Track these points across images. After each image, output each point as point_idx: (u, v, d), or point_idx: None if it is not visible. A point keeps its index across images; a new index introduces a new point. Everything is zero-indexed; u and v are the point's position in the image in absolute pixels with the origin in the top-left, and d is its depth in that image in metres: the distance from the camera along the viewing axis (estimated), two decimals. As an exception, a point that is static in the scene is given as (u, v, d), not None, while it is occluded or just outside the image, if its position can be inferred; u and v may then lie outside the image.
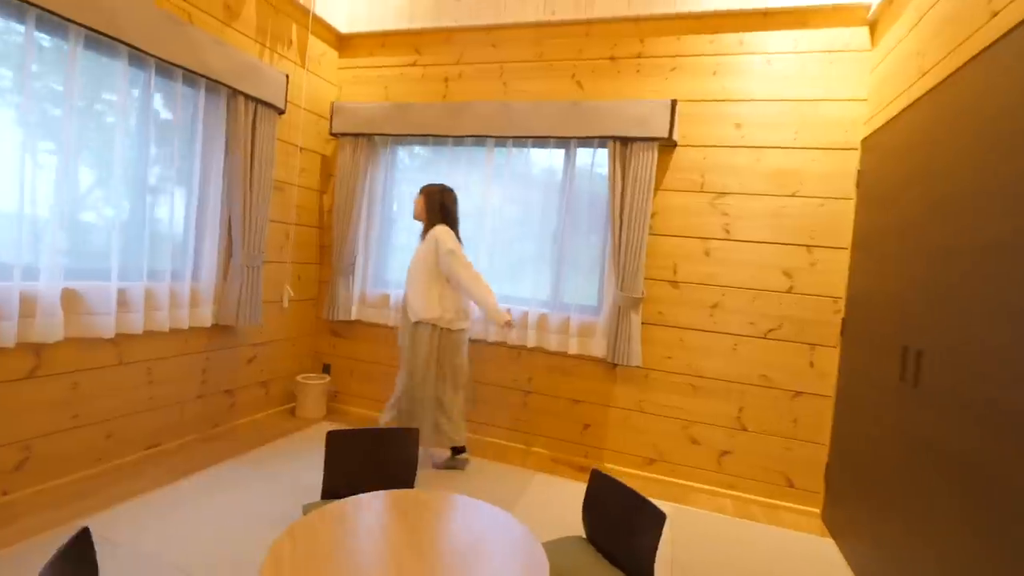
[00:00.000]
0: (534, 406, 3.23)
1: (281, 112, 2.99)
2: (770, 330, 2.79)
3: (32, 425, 2.15)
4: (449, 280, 2.67)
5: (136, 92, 2.39)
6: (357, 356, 3.63)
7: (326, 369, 3.72)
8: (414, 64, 3.45)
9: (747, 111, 2.82)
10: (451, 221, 2.77)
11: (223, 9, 2.70)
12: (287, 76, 2.98)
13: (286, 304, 3.26)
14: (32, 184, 2.03)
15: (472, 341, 3.31)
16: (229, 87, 2.64)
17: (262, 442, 3.11)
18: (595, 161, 3.08)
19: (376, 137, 3.41)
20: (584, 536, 1.79)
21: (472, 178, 3.32)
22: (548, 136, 3.02)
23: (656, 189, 2.97)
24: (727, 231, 2.86)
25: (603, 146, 3.00)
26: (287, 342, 3.47)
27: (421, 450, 3.15)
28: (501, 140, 3.18)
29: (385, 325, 3.51)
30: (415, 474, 1.97)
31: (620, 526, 1.65)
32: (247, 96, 2.74)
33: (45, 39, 2.04)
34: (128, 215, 2.43)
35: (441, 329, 2.69)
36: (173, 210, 2.62)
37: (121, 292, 2.36)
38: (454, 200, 2.81)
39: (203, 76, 2.51)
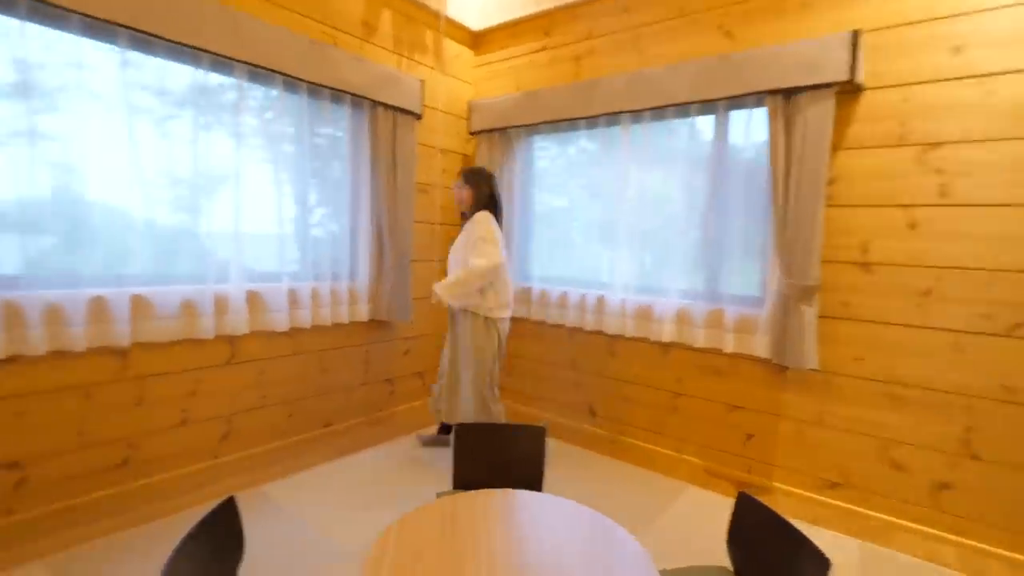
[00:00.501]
0: (685, 409, 2.88)
1: (419, 117, 3.14)
2: (1017, 325, 2.03)
3: (232, 403, 2.61)
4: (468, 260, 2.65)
5: (293, 114, 2.72)
6: (507, 351, 3.67)
7: (476, 361, 3.85)
8: (543, 48, 3.32)
9: (968, 28, 2.07)
10: (497, 209, 2.78)
11: (362, 27, 2.93)
12: (422, 81, 3.12)
13: (434, 300, 3.44)
14: (215, 201, 2.44)
15: (611, 336, 3.09)
16: (370, 99, 2.86)
17: (417, 428, 3.34)
18: (752, 124, 2.60)
19: (510, 130, 3.38)
20: (731, 569, 1.50)
21: (608, 160, 3.08)
22: (690, 101, 2.63)
23: (835, 149, 2.38)
24: (943, 194, 2.16)
25: (760, 104, 2.51)
26: (439, 336, 3.67)
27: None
28: (637, 115, 2.88)
29: (528, 319, 3.49)
30: (542, 473, 1.90)
31: (773, 563, 1.34)
32: (386, 106, 2.93)
33: (215, 77, 2.43)
34: (295, 224, 2.78)
35: (484, 317, 2.70)
36: (332, 217, 2.94)
37: (292, 292, 2.72)
38: (497, 185, 2.84)
39: (347, 92, 2.76)
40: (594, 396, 3.23)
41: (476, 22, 3.53)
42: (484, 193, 2.76)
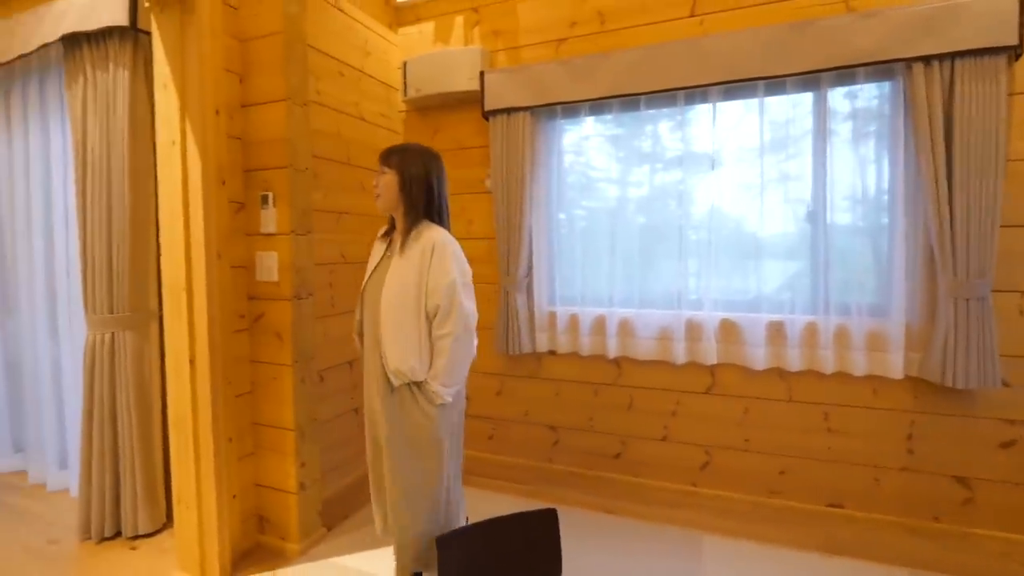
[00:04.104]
0: None
1: (1016, 52, 1.84)
2: None
3: (710, 434, 2.50)
4: (430, 316, 1.66)
5: (790, 115, 2.28)
6: None
7: None
8: None
9: None
10: (444, 218, 1.76)
11: (894, -36, 2.05)
12: (1022, -11, 1.81)
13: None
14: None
15: None
16: (902, 59, 1.97)
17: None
18: None
19: None
20: None
21: None
22: None
23: None
24: None
25: None
26: (1099, 433, 1.95)
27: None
28: None
29: None
30: None
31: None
32: (929, 59, 1.92)
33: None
34: (795, 239, 2.33)
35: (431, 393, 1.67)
36: (851, 231, 2.24)
37: (775, 325, 2.30)
38: (444, 175, 1.77)
39: (857, 65, 2.04)
40: None
41: None
42: (419, 182, 1.69)
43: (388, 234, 1.82)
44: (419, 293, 1.63)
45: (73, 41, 2.28)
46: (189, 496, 2.02)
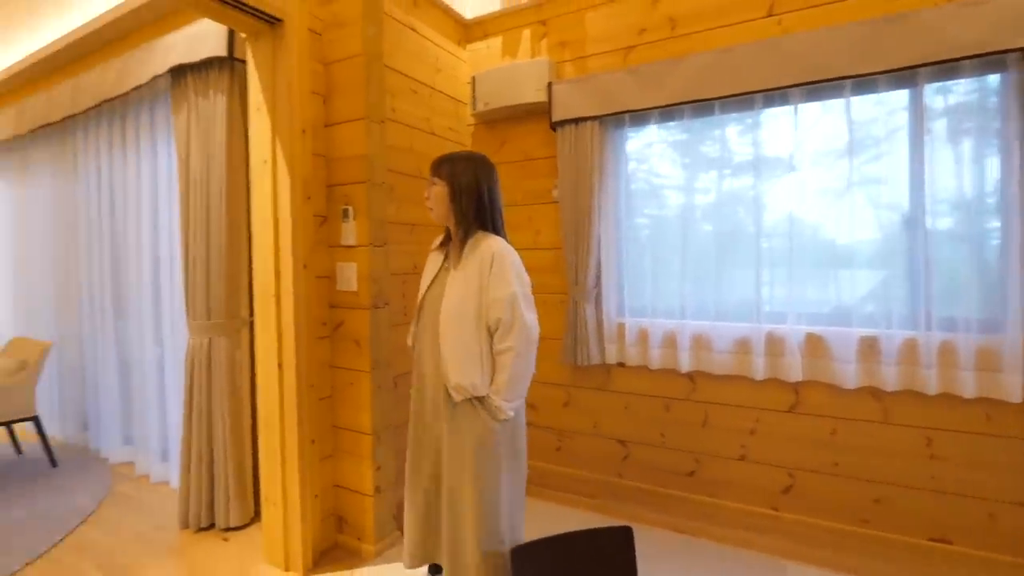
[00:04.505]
0: None
1: None
2: None
3: (794, 456, 2.35)
4: (491, 329, 1.57)
5: (884, 119, 2.13)
6: None
7: None
8: None
9: None
10: (499, 226, 1.67)
11: (1007, -55, 1.86)
12: None
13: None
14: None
15: None
16: (1008, 51, 1.79)
17: None
18: None
19: None
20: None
21: None
22: None
23: None
24: None
25: None
26: None
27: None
28: None
29: None
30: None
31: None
32: None
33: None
34: (884, 246, 2.16)
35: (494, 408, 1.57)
36: (954, 237, 2.04)
37: (868, 340, 2.13)
38: (496, 183, 1.68)
39: (954, 60, 1.87)
40: None
41: None
42: (471, 192, 1.64)
43: (444, 244, 1.77)
44: (479, 306, 1.57)
45: (179, 71, 2.51)
46: (275, 494, 2.14)
